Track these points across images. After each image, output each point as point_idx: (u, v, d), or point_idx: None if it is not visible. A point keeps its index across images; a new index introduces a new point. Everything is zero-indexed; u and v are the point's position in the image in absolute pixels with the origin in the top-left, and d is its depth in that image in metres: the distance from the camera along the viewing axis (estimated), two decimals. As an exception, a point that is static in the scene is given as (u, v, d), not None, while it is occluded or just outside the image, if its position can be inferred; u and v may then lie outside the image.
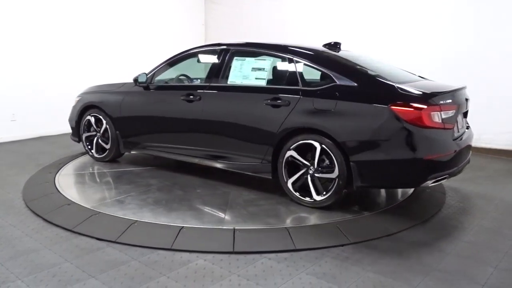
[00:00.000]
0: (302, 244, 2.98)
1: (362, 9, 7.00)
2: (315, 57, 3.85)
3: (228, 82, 4.13)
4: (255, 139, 3.88)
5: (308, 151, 3.61)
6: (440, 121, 3.26)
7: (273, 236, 3.11)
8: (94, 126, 5.12)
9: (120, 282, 2.49)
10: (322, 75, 3.76)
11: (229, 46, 4.27)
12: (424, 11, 6.38)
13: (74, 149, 5.84)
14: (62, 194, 3.95)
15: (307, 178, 3.62)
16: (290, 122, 3.64)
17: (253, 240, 3.06)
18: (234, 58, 4.15)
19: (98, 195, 3.98)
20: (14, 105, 6.56)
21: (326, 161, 3.53)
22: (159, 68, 4.69)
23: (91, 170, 4.90)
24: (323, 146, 3.47)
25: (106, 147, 5.07)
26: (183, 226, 3.21)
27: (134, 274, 2.58)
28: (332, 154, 3.44)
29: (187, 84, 4.89)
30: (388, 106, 3.21)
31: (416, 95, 3.27)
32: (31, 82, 6.72)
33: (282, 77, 3.93)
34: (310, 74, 3.84)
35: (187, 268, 2.66)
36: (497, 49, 5.75)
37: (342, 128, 3.39)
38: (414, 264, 2.75)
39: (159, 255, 2.82)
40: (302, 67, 3.78)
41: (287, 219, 3.46)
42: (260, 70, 3.97)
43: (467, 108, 3.83)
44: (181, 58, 4.63)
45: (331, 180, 3.50)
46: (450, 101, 3.41)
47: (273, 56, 3.99)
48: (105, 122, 5.00)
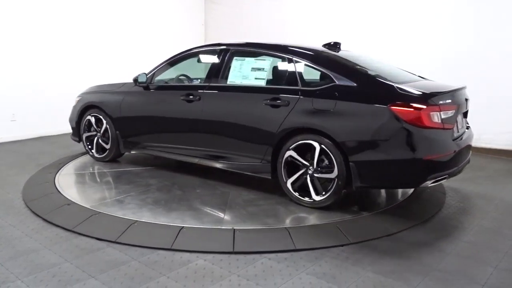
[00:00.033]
0: (302, 244, 2.98)
1: (362, 9, 7.00)
2: (315, 57, 3.85)
3: (227, 82, 4.13)
4: (255, 139, 3.88)
5: (307, 151, 3.61)
6: (439, 121, 3.25)
7: (273, 236, 3.11)
8: (95, 126, 5.12)
9: (120, 282, 2.49)
10: (321, 75, 3.76)
11: (228, 46, 4.27)
12: (424, 11, 6.38)
13: (74, 149, 5.84)
14: (62, 194, 3.95)
15: (307, 178, 3.62)
16: (289, 122, 3.64)
17: (253, 240, 3.06)
18: (234, 58, 4.15)
19: (98, 195, 3.98)
20: (14, 105, 6.56)
21: (326, 161, 3.52)
22: (159, 68, 4.69)
23: (91, 170, 4.90)
24: (323, 146, 3.47)
25: (106, 147, 5.08)
26: (183, 226, 3.21)
27: (134, 274, 2.58)
28: (331, 154, 3.44)
29: (187, 84, 4.89)
30: (387, 106, 3.21)
31: (415, 95, 3.26)
32: (31, 82, 6.72)
33: (281, 77, 3.93)
34: (310, 74, 3.83)
35: (187, 268, 2.66)
36: (497, 49, 5.75)
37: (341, 128, 3.38)
38: (414, 264, 2.75)
39: (159, 255, 2.82)
40: (302, 67, 3.78)
41: (286, 219, 3.46)
42: (259, 70, 3.97)
43: (467, 108, 3.82)
44: (181, 58, 4.63)
45: (330, 180, 3.50)
46: (449, 101, 3.41)
47: (272, 56, 3.99)
48: (105, 122, 5.00)
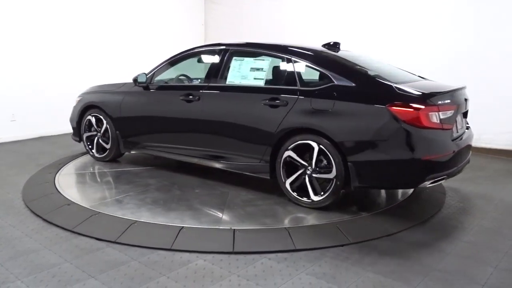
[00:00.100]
0: (302, 244, 2.98)
1: (362, 9, 7.00)
2: (314, 57, 3.84)
3: (226, 82, 4.12)
4: (254, 139, 3.88)
5: (306, 151, 3.60)
6: (438, 121, 3.24)
7: (273, 236, 3.11)
8: (95, 126, 5.13)
9: (120, 282, 2.49)
10: (320, 75, 3.76)
11: (228, 46, 4.26)
12: (424, 11, 6.37)
13: (74, 149, 5.84)
14: (61, 194, 3.95)
15: (305, 178, 3.61)
16: (288, 122, 3.63)
17: (253, 240, 3.06)
18: (233, 58, 4.15)
19: (97, 195, 3.98)
20: (14, 105, 6.56)
21: (324, 161, 3.52)
22: (159, 68, 4.69)
23: (91, 170, 4.90)
24: (321, 146, 3.47)
25: (107, 147, 5.08)
26: (183, 226, 3.21)
27: (134, 274, 2.58)
28: (329, 155, 3.43)
29: (186, 84, 4.89)
30: (385, 106, 3.20)
31: (414, 95, 3.25)
32: (31, 82, 6.72)
33: (280, 77, 3.93)
34: (309, 74, 3.83)
35: (187, 268, 2.66)
36: (497, 49, 5.75)
37: (340, 128, 3.38)
38: (414, 264, 2.75)
39: (159, 255, 2.82)
40: (300, 67, 3.78)
41: (285, 220, 3.46)
42: (258, 70, 3.97)
43: (467, 108, 3.81)
44: (180, 58, 4.63)
45: (329, 180, 3.49)
46: (448, 101, 3.40)
47: (271, 56, 3.99)
48: (105, 122, 5.00)
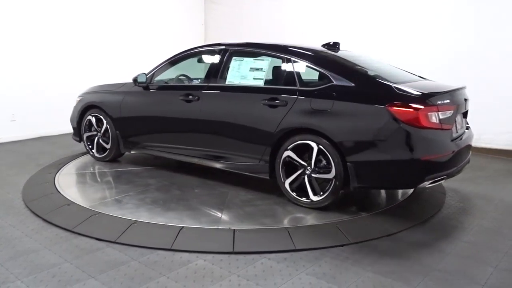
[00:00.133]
0: (302, 244, 2.98)
1: (362, 9, 7.00)
2: (313, 57, 3.84)
3: (226, 82, 4.12)
4: (253, 139, 3.88)
5: (305, 152, 3.60)
6: (437, 121, 3.24)
7: (272, 236, 3.11)
8: (95, 126, 5.13)
9: (120, 282, 2.49)
10: (319, 75, 3.76)
11: (227, 46, 4.26)
12: (424, 11, 6.37)
13: (74, 149, 5.84)
14: (61, 194, 3.95)
15: (304, 178, 3.61)
16: (287, 122, 3.63)
17: (253, 240, 3.06)
18: (233, 58, 4.15)
19: (97, 195, 3.98)
20: (14, 105, 6.56)
21: (323, 161, 3.52)
22: (159, 68, 4.69)
23: (91, 170, 4.90)
24: (320, 146, 3.47)
25: (107, 147, 5.08)
26: (183, 226, 3.21)
27: (134, 275, 2.58)
28: (329, 155, 3.43)
29: (186, 84, 4.89)
30: (385, 106, 3.19)
31: (413, 95, 3.25)
32: (31, 82, 6.72)
33: (279, 77, 3.93)
34: (309, 74, 3.83)
35: (187, 268, 2.66)
36: (497, 49, 5.75)
37: (339, 128, 3.37)
38: (414, 264, 2.75)
39: (159, 255, 2.82)
40: (300, 67, 3.78)
41: (284, 220, 3.45)
42: (258, 70, 3.97)
43: (467, 108, 3.81)
44: (180, 58, 4.63)
45: (328, 180, 3.49)
46: (448, 101, 3.40)
47: (271, 56, 3.98)
48: (105, 122, 5.00)
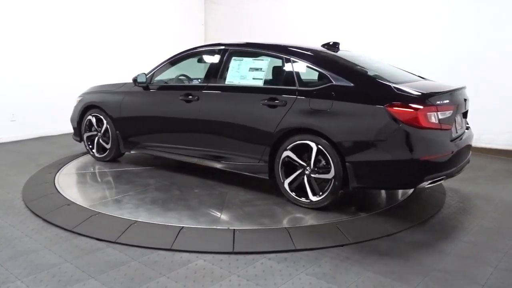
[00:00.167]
0: (302, 244, 2.98)
1: (362, 9, 7.00)
2: (312, 57, 3.84)
3: (225, 82, 4.12)
4: (252, 139, 3.87)
5: (304, 152, 3.59)
6: (436, 121, 3.23)
7: (272, 236, 3.11)
8: (95, 126, 5.13)
9: (120, 282, 2.49)
10: (319, 75, 3.76)
11: (227, 46, 4.26)
12: (424, 11, 6.37)
13: (74, 149, 5.84)
14: (61, 194, 3.95)
15: (304, 178, 3.61)
16: (286, 122, 3.63)
17: (253, 240, 3.06)
18: (232, 58, 4.14)
19: (97, 195, 3.98)
20: (14, 105, 6.56)
21: (323, 161, 3.51)
22: (159, 68, 4.69)
23: (91, 170, 4.90)
24: (319, 146, 3.46)
25: (107, 147, 5.08)
26: (183, 227, 3.21)
27: (134, 275, 2.58)
28: (328, 155, 3.43)
29: (186, 84, 4.89)
30: (384, 106, 3.19)
31: (412, 96, 3.24)
32: (31, 82, 6.72)
33: (279, 77, 3.93)
34: (308, 74, 3.83)
35: (187, 268, 2.66)
36: (497, 49, 5.75)
37: (338, 128, 3.37)
38: (414, 264, 2.75)
39: (159, 256, 2.82)
40: (299, 67, 3.77)
41: (283, 220, 3.45)
42: (257, 70, 3.97)
43: (466, 108, 3.81)
44: (180, 58, 4.63)
45: (327, 180, 3.49)
46: (447, 101, 3.39)
47: (270, 56, 3.98)
48: (105, 122, 5.00)
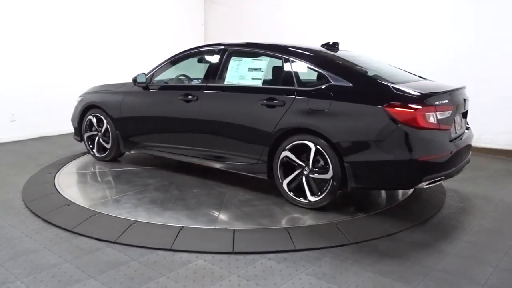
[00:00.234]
0: (302, 244, 2.98)
1: (362, 9, 7.00)
2: (311, 57, 3.83)
3: (225, 82, 4.12)
4: (251, 139, 3.87)
5: (303, 152, 3.59)
6: (435, 121, 3.22)
7: (272, 236, 3.11)
8: (96, 126, 5.13)
9: (119, 282, 2.49)
10: (318, 75, 3.75)
11: (226, 46, 4.26)
12: (424, 11, 6.37)
13: (74, 149, 5.84)
14: (61, 194, 3.95)
15: (302, 178, 3.61)
16: (285, 122, 3.63)
17: (252, 240, 3.06)
18: (232, 58, 4.14)
19: (97, 195, 3.98)
20: (14, 105, 6.56)
21: (321, 161, 3.51)
22: (159, 68, 4.69)
23: (91, 169, 4.90)
24: (318, 146, 3.46)
25: (107, 147, 5.08)
26: (183, 227, 3.21)
27: (133, 275, 2.58)
28: (326, 155, 3.42)
29: (185, 84, 4.88)
30: (382, 106, 3.18)
31: (411, 96, 3.23)
32: (31, 82, 6.72)
33: (278, 77, 3.93)
34: (307, 74, 3.83)
35: (187, 268, 2.66)
36: (497, 49, 5.75)
37: (336, 128, 3.36)
38: (413, 264, 2.75)
39: (159, 256, 2.82)
40: (298, 67, 3.77)
41: (282, 220, 3.44)
42: (256, 70, 3.97)
43: (466, 108, 3.80)
44: (180, 58, 4.63)
45: (326, 181, 3.48)
46: (446, 101, 3.38)
47: (269, 56, 3.97)
48: (106, 122, 5.01)
